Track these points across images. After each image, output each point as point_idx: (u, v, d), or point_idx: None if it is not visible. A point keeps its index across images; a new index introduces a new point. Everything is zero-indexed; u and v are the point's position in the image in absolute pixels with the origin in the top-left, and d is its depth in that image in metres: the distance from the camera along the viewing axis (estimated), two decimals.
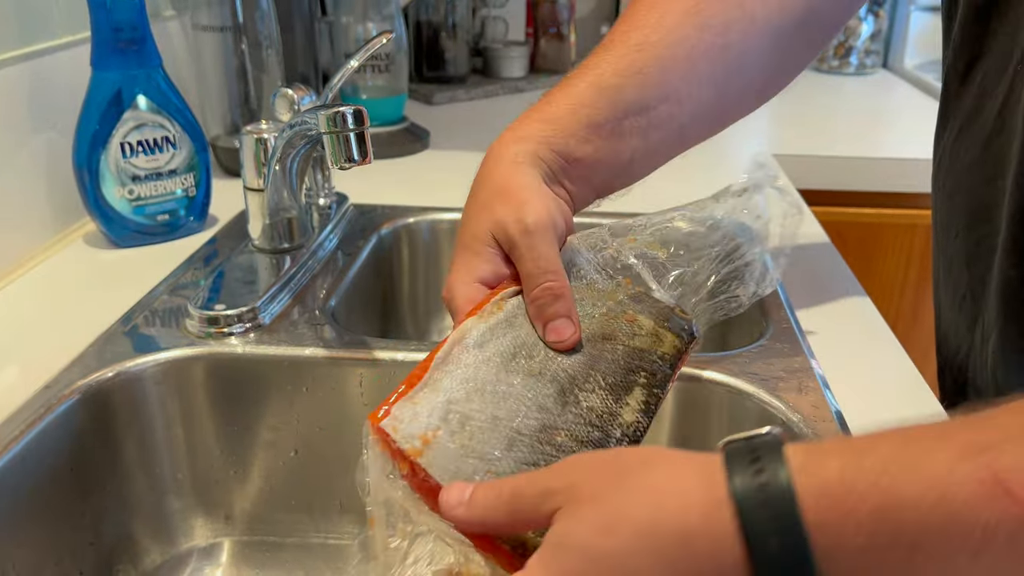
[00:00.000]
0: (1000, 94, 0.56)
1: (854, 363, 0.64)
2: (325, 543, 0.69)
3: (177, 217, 0.84)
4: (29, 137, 0.79)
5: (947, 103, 0.64)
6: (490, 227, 0.50)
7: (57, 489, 0.57)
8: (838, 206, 1.17)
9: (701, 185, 1.04)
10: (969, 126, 0.60)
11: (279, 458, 0.67)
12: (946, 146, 0.64)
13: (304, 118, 0.65)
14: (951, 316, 0.65)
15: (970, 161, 0.60)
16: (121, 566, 0.63)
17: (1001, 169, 0.56)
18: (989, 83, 0.57)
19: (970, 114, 0.60)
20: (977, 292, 0.60)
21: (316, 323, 0.68)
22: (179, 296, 0.71)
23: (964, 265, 0.62)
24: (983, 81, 0.58)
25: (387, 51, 1.15)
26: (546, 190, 0.51)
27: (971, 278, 0.61)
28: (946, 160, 0.63)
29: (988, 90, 0.57)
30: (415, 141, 1.16)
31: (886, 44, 1.72)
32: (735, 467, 0.32)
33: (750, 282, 0.54)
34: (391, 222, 0.90)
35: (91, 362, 0.62)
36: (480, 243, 0.50)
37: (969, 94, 0.60)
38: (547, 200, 0.50)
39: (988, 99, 0.57)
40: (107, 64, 0.77)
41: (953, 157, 0.62)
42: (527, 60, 1.57)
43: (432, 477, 0.40)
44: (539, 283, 0.48)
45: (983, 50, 0.58)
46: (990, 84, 0.57)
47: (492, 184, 0.51)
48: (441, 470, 0.40)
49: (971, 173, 0.60)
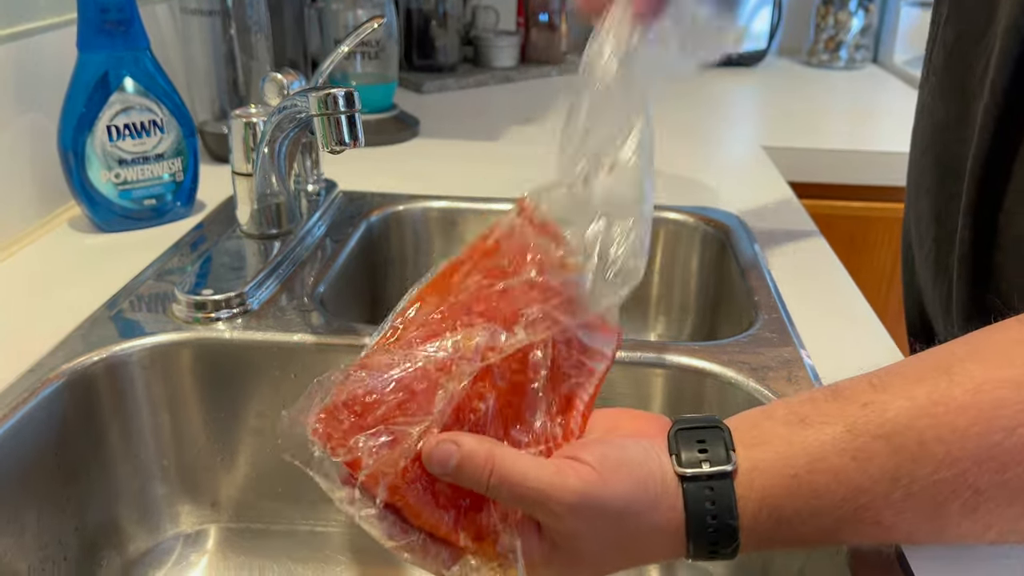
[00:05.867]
0: (977, 54, 0.56)
1: (843, 353, 0.64)
2: (312, 530, 0.69)
3: (164, 202, 0.83)
4: (14, 119, 0.78)
5: (930, 56, 0.64)
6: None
7: (41, 474, 0.57)
8: (827, 199, 1.18)
9: (687, 173, 1.04)
10: (946, 83, 0.60)
11: (266, 444, 0.67)
12: (924, 101, 0.64)
13: (294, 101, 0.64)
14: (921, 271, 0.65)
15: (942, 118, 0.60)
16: (106, 552, 0.63)
17: (969, 131, 0.55)
18: (967, 45, 0.57)
19: (947, 70, 0.60)
20: (943, 248, 0.60)
21: (304, 309, 0.67)
22: (166, 281, 0.71)
23: (932, 219, 0.62)
24: (960, 38, 0.58)
25: (377, 38, 1.14)
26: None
27: (938, 231, 0.61)
28: (924, 116, 0.63)
29: (966, 48, 0.57)
30: (405, 129, 1.16)
31: (876, 39, 1.73)
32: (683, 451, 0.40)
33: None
34: (380, 209, 0.90)
35: (76, 346, 0.61)
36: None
37: (948, 48, 0.60)
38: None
39: (966, 57, 0.57)
40: (93, 45, 0.76)
41: (928, 113, 0.62)
42: (518, 50, 1.57)
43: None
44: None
45: (964, 6, 0.58)
46: (967, 43, 0.57)
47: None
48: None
49: (946, 130, 0.60)
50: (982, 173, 0.53)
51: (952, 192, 0.58)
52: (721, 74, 1.61)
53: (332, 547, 0.68)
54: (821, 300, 0.73)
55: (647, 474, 0.39)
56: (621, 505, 0.38)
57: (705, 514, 0.39)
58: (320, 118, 0.59)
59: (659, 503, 0.39)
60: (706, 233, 0.88)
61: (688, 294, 0.91)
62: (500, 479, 0.39)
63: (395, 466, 0.39)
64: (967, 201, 0.54)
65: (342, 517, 0.69)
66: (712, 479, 0.39)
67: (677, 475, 0.39)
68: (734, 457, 0.39)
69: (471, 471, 0.39)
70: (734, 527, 0.39)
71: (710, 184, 1.00)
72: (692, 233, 0.89)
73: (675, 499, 0.39)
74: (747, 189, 1.00)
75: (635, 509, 0.39)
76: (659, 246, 0.91)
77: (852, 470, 0.38)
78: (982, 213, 0.53)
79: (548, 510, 0.39)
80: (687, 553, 0.40)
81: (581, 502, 0.38)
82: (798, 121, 1.35)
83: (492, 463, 0.39)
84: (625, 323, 0.50)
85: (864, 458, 0.38)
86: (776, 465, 0.39)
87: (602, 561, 0.40)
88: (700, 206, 0.90)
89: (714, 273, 0.87)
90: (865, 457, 0.38)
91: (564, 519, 0.39)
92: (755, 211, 0.90)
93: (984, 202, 0.53)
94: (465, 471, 0.39)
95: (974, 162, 0.54)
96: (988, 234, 0.53)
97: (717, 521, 0.39)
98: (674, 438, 0.41)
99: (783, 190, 1.00)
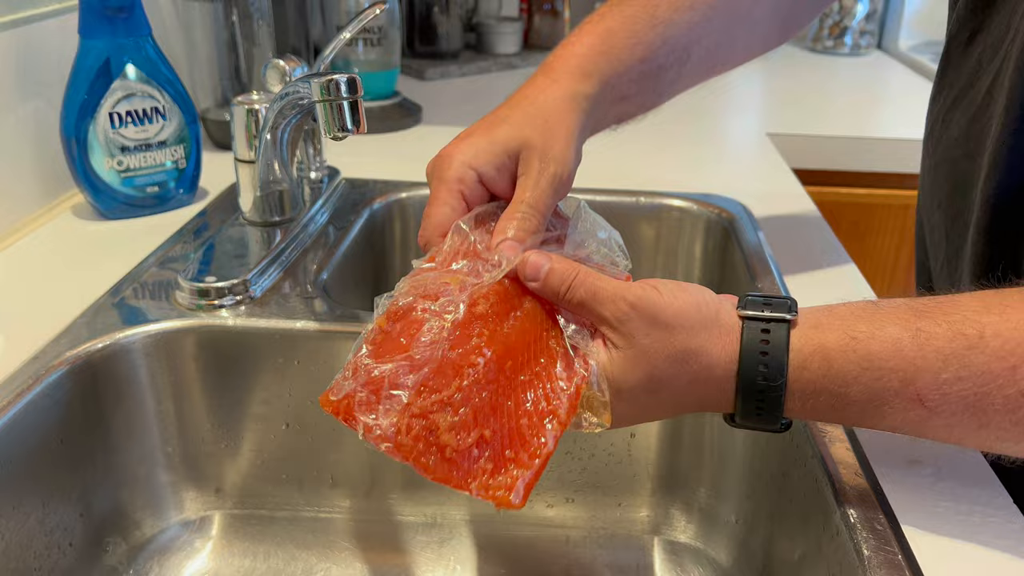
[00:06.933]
0: (993, 70, 0.56)
1: None
2: (316, 516, 0.69)
3: (167, 189, 0.83)
4: (16, 106, 0.77)
5: (945, 72, 0.64)
6: (517, 141, 0.51)
7: (46, 461, 0.57)
8: (832, 186, 1.17)
9: (691, 161, 1.03)
10: (961, 98, 0.60)
11: (270, 431, 0.67)
12: (938, 115, 0.64)
13: (296, 87, 0.64)
14: (936, 281, 0.66)
15: (957, 134, 0.60)
16: (111, 538, 0.63)
17: (980, 147, 0.56)
18: (985, 58, 0.57)
19: (964, 87, 0.60)
20: (953, 263, 0.61)
21: (308, 296, 0.67)
22: (169, 269, 0.71)
23: (943, 234, 0.62)
24: (980, 55, 0.58)
25: (380, 24, 1.13)
26: (578, 147, 0.53)
27: (948, 247, 0.62)
28: (937, 129, 0.63)
29: (984, 65, 0.57)
30: (407, 116, 1.15)
31: (881, 25, 1.72)
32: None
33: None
34: (383, 197, 0.90)
35: (80, 333, 0.61)
36: (497, 146, 0.51)
37: (967, 66, 0.60)
38: (575, 158, 0.52)
39: (983, 74, 0.57)
40: (95, 32, 0.76)
41: (943, 127, 0.62)
42: (520, 36, 1.56)
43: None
44: (521, 210, 0.49)
45: (984, 24, 0.58)
46: (986, 59, 0.57)
47: (538, 108, 0.52)
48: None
49: (956, 146, 0.60)
50: (996, 189, 0.53)
51: (960, 207, 0.58)
52: None
53: (336, 533, 0.69)
54: (825, 287, 0.72)
55: (703, 301, 0.44)
56: (671, 314, 0.43)
57: (757, 350, 0.42)
58: (322, 104, 0.59)
59: (711, 327, 0.43)
60: (710, 220, 0.88)
61: (691, 281, 0.91)
62: (580, 282, 0.44)
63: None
64: (984, 219, 0.55)
65: (345, 503, 0.69)
66: (770, 322, 0.43)
67: (739, 316, 0.43)
68: (795, 313, 0.43)
69: (558, 277, 0.44)
70: (782, 364, 0.41)
71: (714, 171, 1.00)
72: (696, 220, 0.89)
73: (731, 332, 0.43)
74: (751, 176, 1.00)
75: (687, 324, 0.42)
76: (662, 233, 0.90)
77: (909, 345, 0.40)
78: (996, 232, 0.54)
79: (613, 308, 0.43)
80: (736, 394, 0.43)
81: (639, 302, 0.43)
82: (802, 108, 1.34)
83: (576, 274, 0.44)
84: None
85: (923, 337, 0.41)
86: (839, 327, 0.42)
87: (658, 376, 0.43)
88: (704, 193, 0.90)
89: (718, 260, 0.87)
90: (924, 337, 0.41)
91: (626, 321, 0.43)
92: (759, 198, 0.89)
93: (999, 221, 0.54)
94: (552, 279, 0.45)
95: (986, 182, 0.54)
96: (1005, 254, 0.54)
97: (768, 357, 0.42)
98: (744, 296, 0.45)
99: (787, 177, 0.99)
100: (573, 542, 0.68)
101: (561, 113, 0.52)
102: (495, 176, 0.51)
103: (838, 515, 0.47)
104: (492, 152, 0.51)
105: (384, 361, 0.42)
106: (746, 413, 0.43)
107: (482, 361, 0.43)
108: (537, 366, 0.44)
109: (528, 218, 0.49)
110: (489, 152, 0.50)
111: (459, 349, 0.43)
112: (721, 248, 0.86)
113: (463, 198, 0.50)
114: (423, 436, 0.40)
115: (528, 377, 0.44)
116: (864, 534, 0.44)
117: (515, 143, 0.51)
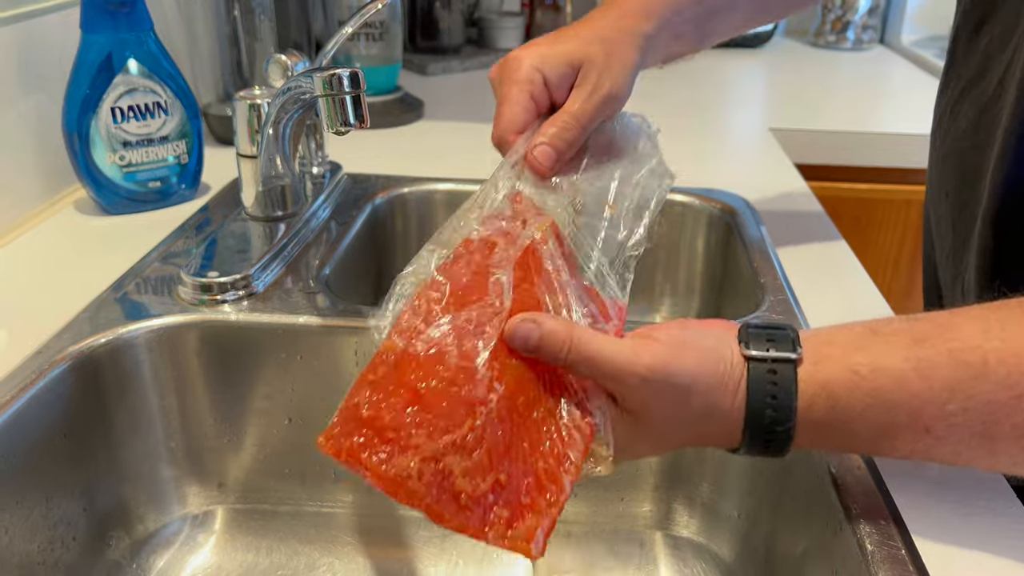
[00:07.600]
0: (1004, 61, 0.55)
1: None
2: (319, 511, 0.69)
3: (169, 184, 0.83)
4: (18, 101, 0.77)
5: (953, 63, 0.63)
6: (582, 54, 0.54)
7: (49, 456, 0.57)
8: (834, 181, 1.17)
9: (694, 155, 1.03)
10: (970, 90, 0.60)
11: (273, 426, 0.67)
12: (946, 107, 0.63)
13: (299, 81, 0.64)
14: (942, 271, 0.66)
15: (966, 125, 0.60)
16: (114, 533, 0.63)
17: (990, 138, 0.55)
18: (994, 49, 0.57)
19: (973, 78, 0.59)
20: (959, 254, 0.61)
21: (310, 291, 0.67)
22: (171, 264, 0.71)
23: (950, 225, 0.62)
24: (988, 46, 0.58)
25: (381, 19, 1.13)
26: (632, 80, 0.56)
27: (955, 238, 0.62)
28: (945, 120, 0.63)
29: (993, 56, 0.57)
30: (409, 111, 1.15)
31: (883, 19, 1.71)
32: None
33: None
34: (385, 191, 0.90)
35: (82, 328, 0.61)
36: (562, 56, 0.54)
37: (974, 57, 0.60)
38: (629, 87, 0.56)
39: (992, 65, 0.57)
40: (97, 27, 0.76)
41: (951, 119, 0.62)
42: (522, 31, 1.56)
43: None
44: (563, 120, 0.52)
45: (990, 14, 0.58)
46: (995, 50, 0.57)
47: (603, 35, 0.55)
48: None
49: (965, 137, 0.60)
50: (1004, 181, 0.53)
51: (967, 199, 0.58)
52: (727, 55, 1.60)
53: (338, 528, 0.69)
54: (827, 282, 0.72)
55: (718, 357, 0.42)
56: (688, 380, 0.41)
57: (765, 393, 0.41)
58: (325, 99, 0.59)
59: (725, 382, 0.42)
60: (712, 215, 0.87)
61: (694, 276, 0.91)
62: (578, 355, 0.41)
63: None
64: (991, 211, 0.54)
65: (348, 498, 0.69)
66: (776, 363, 0.42)
67: (743, 356, 0.42)
68: (800, 350, 0.42)
69: (551, 346, 0.41)
70: (791, 407, 0.41)
71: (716, 166, 1.00)
72: (698, 215, 0.89)
73: (739, 378, 0.42)
74: (753, 171, 0.99)
75: (702, 386, 0.41)
76: (665, 228, 0.90)
77: (913, 377, 0.40)
78: (1003, 223, 0.54)
79: (622, 382, 0.41)
80: (743, 433, 0.42)
81: (652, 375, 0.41)
82: (805, 103, 1.34)
83: (571, 341, 0.41)
84: (630, 304, 0.50)
85: (927, 368, 0.40)
86: (840, 362, 0.41)
87: (666, 433, 0.43)
88: (706, 188, 0.90)
89: (720, 255, 0.87)
90: (928, 367, 0.40)
91: (637, 391, 0.41)
92: (762, 193, 0.89)
93: (1006, 213, 0.53)
94: (545, 347, 0.41)
95: (995, 173, 0.54)
96: (1011, 245, 0.54)
97: (776, 401, 0.41)
98: (744, 329, 0.44)
99: (789, 172, 0.99)
100: (575, 537, 0.68)
101: (623, 45, 0.55)
102: (557, 83, 0.54)
103: (841, 510, 0.47)
104: (557, 60, 0.54)
105: (390, 398, 0.40)
106: (751, 450, 0.43)
107: (495, 397, 0.40)
108: (550, 401, 0.42)
109: (569, 128, 0.52)
110: (554, 59, 0.54)
111: (468, 385, 0.40)
112: (724, 243, 0.86)
113: (532, 98, 0.54)
114: (436, 482, 0.38)
115: (541, 414, 0.42)
116: (867, 529, 0.45)
117: (579, 56, 0.54)
